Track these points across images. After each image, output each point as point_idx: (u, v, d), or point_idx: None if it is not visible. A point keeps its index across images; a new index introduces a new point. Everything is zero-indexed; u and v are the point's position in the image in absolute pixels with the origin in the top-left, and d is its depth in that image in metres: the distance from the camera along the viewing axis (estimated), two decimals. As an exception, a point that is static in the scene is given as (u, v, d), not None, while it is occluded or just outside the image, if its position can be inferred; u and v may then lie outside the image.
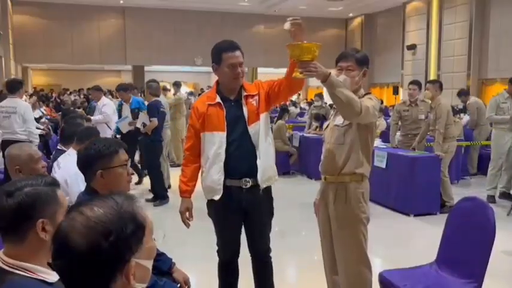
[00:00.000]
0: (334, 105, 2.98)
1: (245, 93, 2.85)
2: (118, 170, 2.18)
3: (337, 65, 2.84)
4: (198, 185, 2.95)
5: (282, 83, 2.80)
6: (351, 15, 19.79)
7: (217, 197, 2.81)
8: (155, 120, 6.36)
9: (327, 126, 2.99)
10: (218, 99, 2.83)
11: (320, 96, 10.61)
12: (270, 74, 21.28)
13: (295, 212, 6.10)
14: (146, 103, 7.08)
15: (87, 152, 2.19)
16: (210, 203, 2.92)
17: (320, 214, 2.99)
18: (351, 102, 2.46)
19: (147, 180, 7.14)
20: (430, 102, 6.14)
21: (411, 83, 6.62)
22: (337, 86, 2.48)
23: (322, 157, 2.95)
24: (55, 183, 1.60)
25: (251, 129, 2.80)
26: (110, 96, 12.36)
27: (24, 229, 1.47)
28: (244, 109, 2.82)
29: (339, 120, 2.81)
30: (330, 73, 2.47)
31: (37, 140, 6.08)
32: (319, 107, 9.98)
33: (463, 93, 9.11)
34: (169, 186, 7.14)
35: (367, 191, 2.84)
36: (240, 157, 2.79)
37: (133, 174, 2.70)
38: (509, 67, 12.79)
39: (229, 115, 2.80)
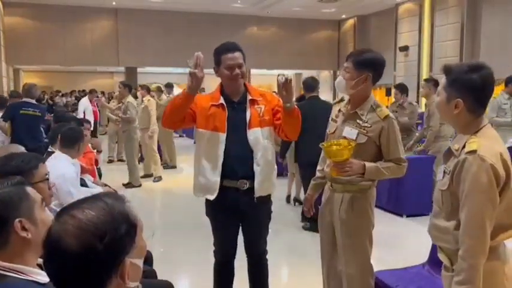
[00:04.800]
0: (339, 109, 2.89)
1: (250, 97, 2.84)
2: (39, 186, 2.07)
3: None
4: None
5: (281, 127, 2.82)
6: (343, 16, 19.83)
7: (211, 197, 2.80)
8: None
9: (333, 132, 2.81)
10: (221, 101, 2.82)
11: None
12: (263, 75, 21.32)
13: (288, 212, 6.11)
14: None
15: (3, 169, 2.02)
16: (208, 203, 2.91)
17: (323, 220, 2.89)
18: (395, 172, 2.60)
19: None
20: (416, 105, 6.27)
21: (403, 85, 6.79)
22: (377, 172, 2.59)
23: (326, 164, 2.83)
24: (23, 182, 1.59)
25: (250, 133, 2.78)
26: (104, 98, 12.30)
27: (4, 233, 1.45)
28: (248, 112, 2.80)
29: (351, 133, 2.67)
30: (364, 165, 2.55)
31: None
32: None
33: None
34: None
35: (373, 200, 2.78)
36: (238, 159, 2.78)
37: (53, 186, 2.55)
38: (500, 68, 12.74)
39: (231, 117, 2.79)
